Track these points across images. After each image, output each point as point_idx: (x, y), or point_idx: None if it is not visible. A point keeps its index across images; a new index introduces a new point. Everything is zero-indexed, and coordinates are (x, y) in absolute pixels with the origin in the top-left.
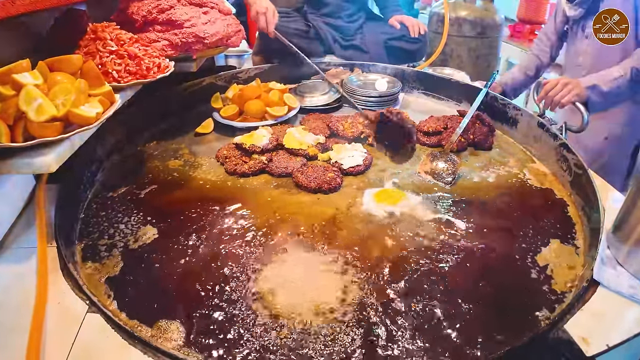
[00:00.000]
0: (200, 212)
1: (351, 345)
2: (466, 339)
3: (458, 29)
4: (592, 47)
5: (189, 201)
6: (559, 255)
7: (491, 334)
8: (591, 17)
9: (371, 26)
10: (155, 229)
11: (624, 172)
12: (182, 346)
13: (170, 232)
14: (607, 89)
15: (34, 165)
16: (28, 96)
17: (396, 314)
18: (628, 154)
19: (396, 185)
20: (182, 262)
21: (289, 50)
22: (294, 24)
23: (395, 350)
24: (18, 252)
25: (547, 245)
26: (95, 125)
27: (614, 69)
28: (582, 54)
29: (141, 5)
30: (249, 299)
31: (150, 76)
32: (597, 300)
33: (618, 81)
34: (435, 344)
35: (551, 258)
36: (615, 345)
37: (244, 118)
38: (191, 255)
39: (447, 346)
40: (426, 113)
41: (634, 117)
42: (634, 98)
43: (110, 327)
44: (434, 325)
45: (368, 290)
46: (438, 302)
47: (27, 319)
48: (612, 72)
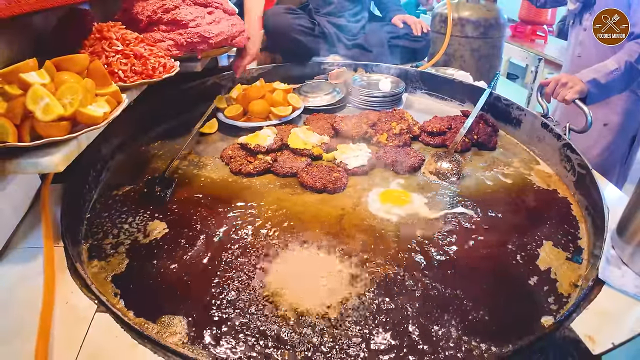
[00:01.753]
0: (205, 211)
1: (355, 344)
2: (473, 338)
3: (461, 30)
4: (590, 38)
5: (194, 201)
6: (563, 255)
7: (498, 333)
8: (587, 10)
9: (374, 25)
10: (160, 228)
11: (622, 161)
12: (185, 342)
13: (175, 231)
14: (604, 82)
15: (40, 165)
16: (35, 95)
17: (400, 314)
18: (626, 143)
19: (401, 185)
20: (187, 260)
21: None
22: (299, 20)
23: (400, 351)
24: (24, 252)
25: (552, 245)
26: (103, 125)
27: (608, 62)
28: (581, 45)
29: (146, 5)
30: (253, 297)
31: (156, 76)
32: (602, 299)
33: (614, 74)
34: (442, 344)
35: (555, 258)
36: (621, 344)
37: (248, 118)
38: (196, 254)
39: (454, 346)
40: (430, 113)
41: (632, 106)
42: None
43: (120, 326)
44: (440, 324)
45: (373, 289)
46: (443, 301)
47: (35, 320)
48: (608, 66)
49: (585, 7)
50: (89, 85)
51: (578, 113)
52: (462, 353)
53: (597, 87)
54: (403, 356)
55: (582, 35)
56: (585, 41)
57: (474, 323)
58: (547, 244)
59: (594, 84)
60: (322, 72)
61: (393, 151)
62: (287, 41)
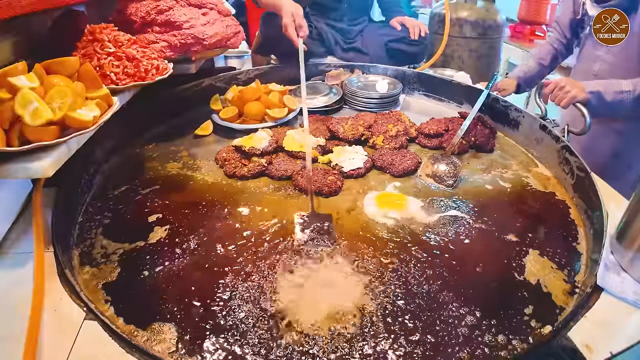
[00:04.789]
0: (198, 215)
1: (353, 349)
2: (468, 346)
3: (459, 30)
4: (614, 57)
5: (187, 204)
6: (560, 259)
7: (494, 341)
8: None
9: (372, 28)
10: (153, 232)
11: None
12: (174, 351)
13: (168, 236)
14: (610, 99)
15: (30, 170)
16: (24, 100)
17: (395, 319)
18: None
19: (397, 188)
20: (179, 265)
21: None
22: None
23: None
24: (14, 257)
25: (549, 249)
26: (93, 129)
27: (623, 81)
28: (600, 61)
29: (139, 6)
30: (244, 303)
31: (149, 78)
32: (600, 306)
33: (624, 95)
34: (437, 353)
35: (550, 264)
36: (620, 353)
37: (244, 120)
38: (188, 258)
39: (448, 356)
40: (427, 115)
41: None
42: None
43: (108, 335)
44: (435, 333)
45: (369, 293)
46: (439, 308)
47: (23, 327)
48: (621, 85)
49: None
50: (79, 89)
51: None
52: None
53: (600, 101)
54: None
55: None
56: (607, 59)
57: (469, 331)
58: (544, 248)
59: (597, 97)
60: (319, 73)
61: (389, 153)
62: (284, 44)
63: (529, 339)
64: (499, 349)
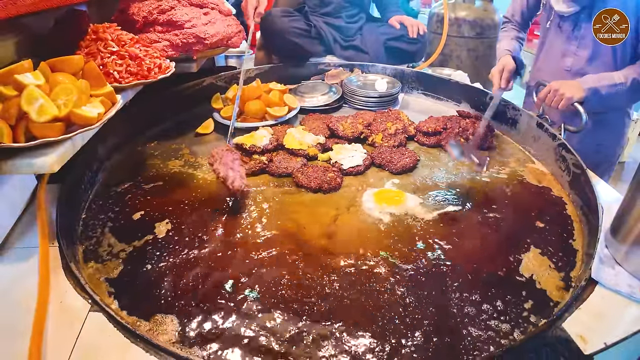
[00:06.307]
0: (200, 212)
1: (353, 346)
2: (464, 338)
3: (457, 30)
4: (587, 51)
5: (189, 201)
6: (555, 254)
7: (490, 333)
8: (588, 17)
9: (371, 27)
10: (155, 228)
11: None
12: (176, 341)
13: (170, 231)
14: (605, 93)
15: (35, 166)
16: (30, 96)
17: (395, 312)
18: None
19: (396, 185)
20: (181, 260)
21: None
22: (295, 23)
23: (383, 352)
24: (20, 251)
25: (545, 244)
26: (97, 126)
27: (614, 74)
28: (572, 56)
29: (142, 6)
30: (244, 297)
31: (151, 77)
32: (595, 299)
33: (617, 87)
34: (432, 345)
35: (547, 259)
36: (613, 344)
37: (244, 118)
38: (190, 253)
39: (444, 347)
40: (426, 113)
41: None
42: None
43: (113, 325)
44: (432, 324)
45: (369, 289)
46: (435, 301)
47: (29, 319)
48: (614, 78)
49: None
50: (83, 86)
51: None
52: (452, 355)
53: (596, 97)
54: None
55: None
56: (580, 53)
57: (464, 323)
58: (540, 244)
59: (593, 92)
60: (319, 72)
61: (388, 151)
62: (284, 44)
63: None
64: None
